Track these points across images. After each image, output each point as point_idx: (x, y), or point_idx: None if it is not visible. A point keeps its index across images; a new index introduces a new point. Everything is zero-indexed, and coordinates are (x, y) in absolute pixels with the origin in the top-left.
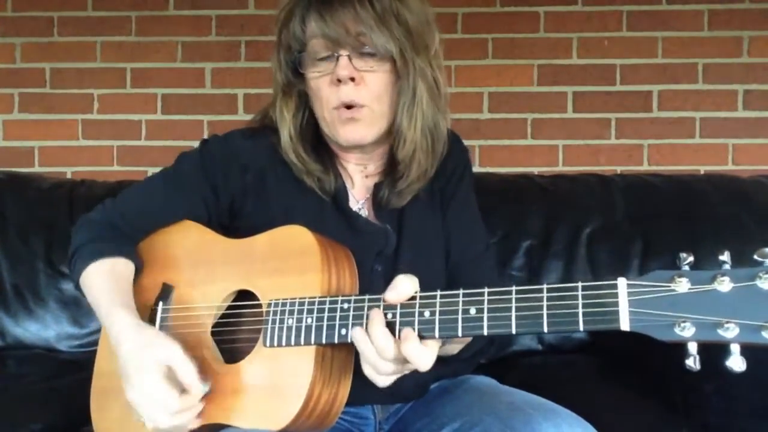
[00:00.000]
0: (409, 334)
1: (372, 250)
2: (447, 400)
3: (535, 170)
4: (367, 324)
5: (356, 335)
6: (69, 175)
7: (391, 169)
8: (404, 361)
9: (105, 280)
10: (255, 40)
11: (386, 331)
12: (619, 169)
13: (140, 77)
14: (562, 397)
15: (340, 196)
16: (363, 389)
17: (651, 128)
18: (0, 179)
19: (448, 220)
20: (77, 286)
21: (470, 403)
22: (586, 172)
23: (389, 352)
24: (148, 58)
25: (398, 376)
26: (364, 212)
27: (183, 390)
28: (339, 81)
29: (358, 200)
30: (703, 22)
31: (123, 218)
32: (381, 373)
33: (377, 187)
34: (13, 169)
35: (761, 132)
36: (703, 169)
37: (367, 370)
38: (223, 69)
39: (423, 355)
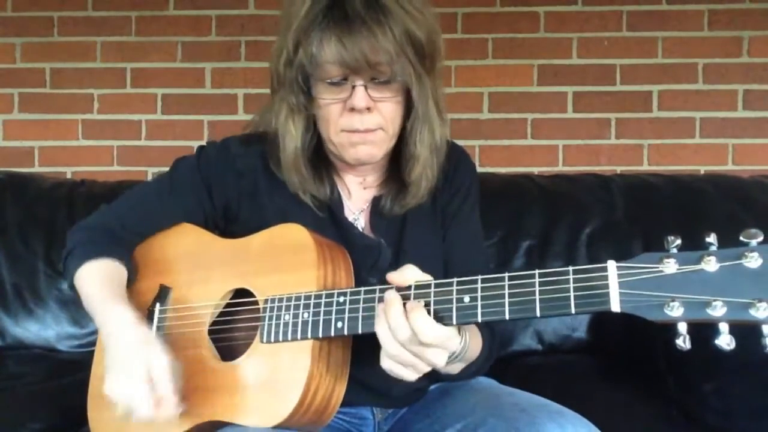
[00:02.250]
0: (415, 305)
1: (365, 263)
2: (448, 402)
3: (535, 170)
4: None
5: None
6: (69, 175)
7: (392, 179)
8: (417, 342)
9: (100, 278)
10: (255, 40)
11: (402, 310)
12: (619, 169)
13: (140, 77)
14: (562, 397)
15: (335, 207)
16: (360, 391)
17: (651, 128)
18: (0, 179)
19: (448, 237)
20: (71, 287)
21: (473, 405)
22: (585, 172)
23: (402, 331)
24: (148, 58)
25: (415, 370)
26: (360, 223)
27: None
28: (353, 109)
29: (354, 211)
30: (703, 22)
31: (119, 223)
32: (398, 360)
33: (376, 200)
34: (13, 169)
35: (761, 132)
36: (703, 169)
37: (386, 363)
38: (223, 69)
39: (431, 327)
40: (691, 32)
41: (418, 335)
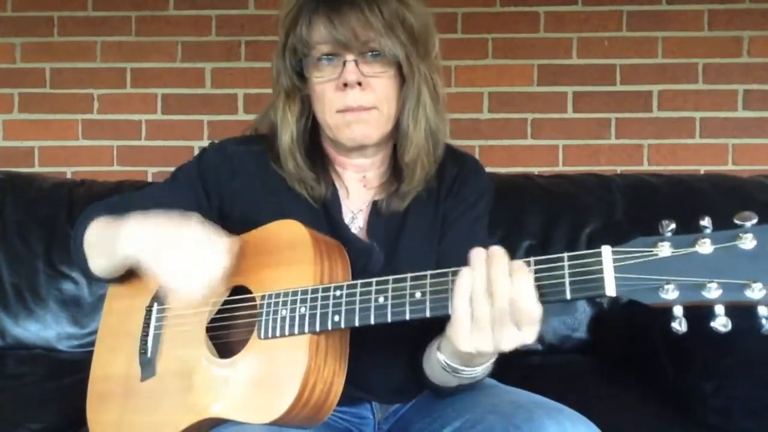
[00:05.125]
0: (522, 265)
1: (356, 266)
2: (449, 401)
3: (535, 170)
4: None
5: (465, 272)
6: (69, 175)
7: (394, 180)
8: (508, 310)
9: (116, 216)
10: (255, 40)
11: (508, 265)
12: (619, 169)
13: (140, 77)
14: (562, 397)
15: (331, 206)
16: (359, 385)
17: (651, 128)
18: (0, 179)
19: (442, 243)
20: (79, 248)
21: (472, 403)
22: (586, 172)
23: (503, 287)
24: (148, 58)
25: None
26: (358, 223)
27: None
28: (345, 85)
29: (353, 210)
30: (703, 22)
31: (123, 207)
32: (480, 326)
33: (376, 204)
34: (13, 169)
35: (761, 132)
36: (703, 169)
37: (460, 325)
38: (223, 69)
39: (532, 294)
40: (691, 32)
41: (518, 298)
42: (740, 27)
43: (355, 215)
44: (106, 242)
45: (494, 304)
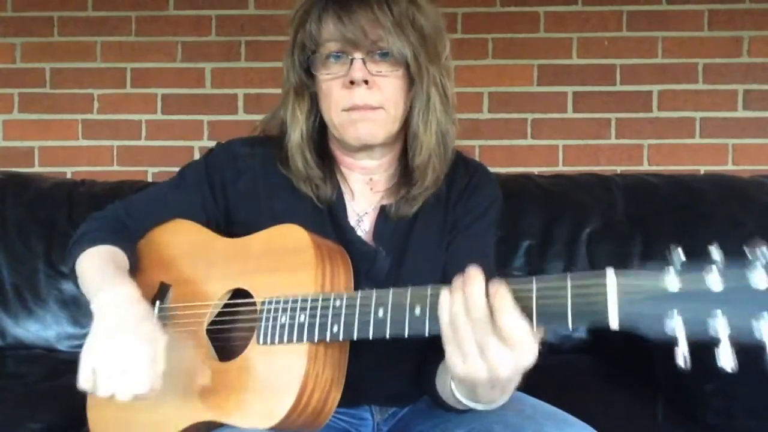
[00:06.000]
0: (500, 286)
1: (360, 270)
2: None
3: (535, 170)
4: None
5: (442, 298)
6: (69, 175)
7: (402, 184)
8: (490, 329)
9: (103, 259)
10: (255, 40)
11: (484, 287)
12: (619, 169)
13: (140, 77)
14: (562, 398)
15: (336, 207)
16: (357, 389)
17: (651, 128)
18: (0, 179)
19: (450, 250)
20: (71, 271)
21: (478, 411)
22: (586, 172)
23: (479, 309)
24: (148, 58)
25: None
26: (364, 227)
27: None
28: (352, 83)
29: (358, 212)
30: (703, 22)
31: (127, 214)
32: (465, 351)
33: (384, 208)
34: (13, 169)
35: (761, 132)
36: (703, 169)
37: (451, 352)
38: (223, 69)
39: (519, 325)
40: (691, 32)
41: (497, 317)
42: (740, 27)
43: (360, 218)
44: (86, 288)
45: (474, 326)
